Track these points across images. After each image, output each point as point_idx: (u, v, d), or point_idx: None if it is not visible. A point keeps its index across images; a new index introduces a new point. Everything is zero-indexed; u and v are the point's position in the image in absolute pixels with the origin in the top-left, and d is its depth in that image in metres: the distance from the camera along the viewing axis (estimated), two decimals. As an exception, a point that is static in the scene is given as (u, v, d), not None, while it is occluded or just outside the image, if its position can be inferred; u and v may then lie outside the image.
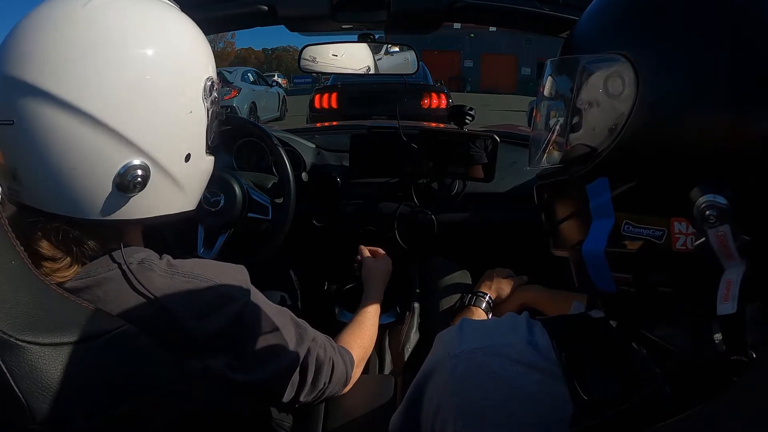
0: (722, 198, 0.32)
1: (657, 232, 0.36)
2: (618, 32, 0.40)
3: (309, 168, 1.38)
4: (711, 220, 0.32)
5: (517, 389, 0.42)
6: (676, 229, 0.35)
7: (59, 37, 0.53)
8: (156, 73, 0.56)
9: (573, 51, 0.44)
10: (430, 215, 1.37)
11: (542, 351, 0.43)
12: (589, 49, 0.42)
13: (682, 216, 0.35)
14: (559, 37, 1.08)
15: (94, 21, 0.54)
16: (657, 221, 0.36)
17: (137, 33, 0.56)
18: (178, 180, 0.62)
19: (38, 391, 0.46)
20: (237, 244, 1.21)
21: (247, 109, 8.95)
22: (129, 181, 0.56)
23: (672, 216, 0.35)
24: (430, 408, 0.47)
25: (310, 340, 0.74)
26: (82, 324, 0.50)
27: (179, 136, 0.61)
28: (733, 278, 0.33)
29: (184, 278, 0.61)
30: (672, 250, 0.36)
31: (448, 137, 1.31)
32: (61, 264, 0.57)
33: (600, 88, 0.39)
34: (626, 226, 0.38)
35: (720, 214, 0.32)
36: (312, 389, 0.75)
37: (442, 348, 0.49)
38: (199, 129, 0.64)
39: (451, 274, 1.28)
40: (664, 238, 0.36)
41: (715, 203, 0.32)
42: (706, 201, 0.33)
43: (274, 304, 0.71)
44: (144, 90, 0.55)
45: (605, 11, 0.42)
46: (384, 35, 1.50)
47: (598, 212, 0.40)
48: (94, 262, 0.59)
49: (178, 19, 0.62)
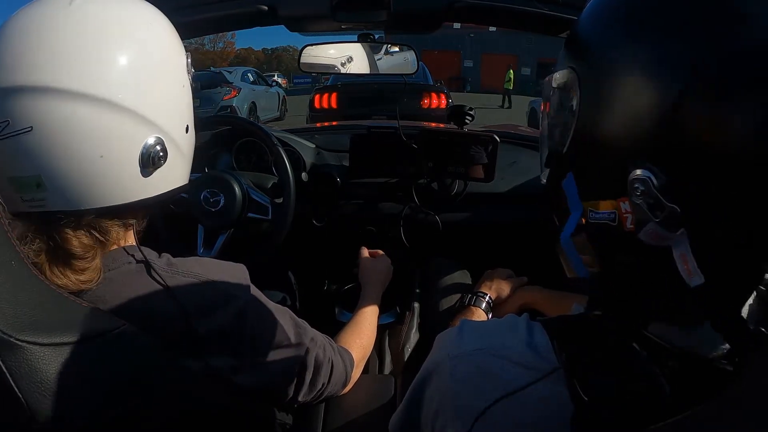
0: (647, 171, 0.36)
1: (611, 215, 0.41)
2: (571, 49, 0.47)
3: (309, 168, 1.38)
4: (637, 193, 0.36)
5: (517, 390, 0.42)
6: (622, 209, 0.39)
7: (54, 34, 0.53)
8: (155, 52, 0.60)
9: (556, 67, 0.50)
10: (433, 215, 1.37)
11: (542, 352, 0.43)
12: (560, 66, 0.49)
13: (624, 196, 0.38)
14: (559, 37, 1.08)
15: (84, 15, 0.55)
16: (609, 204, 0.41)
17: (130, 20, 0.59)
18: (184, 151, 0.66)
19: (38, 391, 0.46)
20: (237, 244, 1.21)
21: (247, 109, 8.95)
22: (152, 157, 0.59)
23: (618, 197, 0.39)
24: (430, 409, 0.47)
25: (309, 341, 0.74)
26: (82, 324, 0.50)
27: (179, 109, 0.65)
28: (684, 249, 0.36)
29: (184, 277, 0.61)
30: (624, 230, 0.40)
31: (448, 137, 1.31)
32: (92, 263, 0.57)
33: (560, 97, 0.47)
34: (590, 213, 0.43)
35: (646, 187, 0.36)
36: (310, 390, 0.75)
37: (442, 349, 0.49)
38: (190, 101, 0.68)
39: (451, 274, 1.28)
40: (617, 220, 0.40)
41: (640, 177, 0.36)
42: (633, 176, 0.37)
43: (274, 304, 0.71)
44: (147, 69, 0.59)
45: (570, 34, 0.49)
46: (384, 35, 1.50)
47: (572, 204, 0.45)
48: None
49: (147, 5, 0.65)
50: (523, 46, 24.85)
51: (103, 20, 0.56)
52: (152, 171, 0.60)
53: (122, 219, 0.61)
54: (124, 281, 0.58)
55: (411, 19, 1.13)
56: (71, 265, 0.56)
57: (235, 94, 8.72)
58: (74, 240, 0.57)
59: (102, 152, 0.55)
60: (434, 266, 1.33)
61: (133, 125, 0.57)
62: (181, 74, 0.65)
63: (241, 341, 0.64)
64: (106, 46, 0.55)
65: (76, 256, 0.56)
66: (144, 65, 0.58)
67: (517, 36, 23.85)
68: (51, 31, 0.53)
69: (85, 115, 0.53)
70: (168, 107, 0.62)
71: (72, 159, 0.53)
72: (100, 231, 0.59)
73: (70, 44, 0.53)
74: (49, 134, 0.52)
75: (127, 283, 0.58)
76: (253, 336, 0.65)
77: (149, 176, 0.60)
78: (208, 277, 0.62)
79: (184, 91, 0.66)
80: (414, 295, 1.28)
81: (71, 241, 0.56)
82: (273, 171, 1.28)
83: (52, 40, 0.53)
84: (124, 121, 0.56)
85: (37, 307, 0.48)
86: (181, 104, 0.65)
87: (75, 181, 0.54)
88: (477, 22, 1.45)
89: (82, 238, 0.57)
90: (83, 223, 0.57)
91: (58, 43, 0.53)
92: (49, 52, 0.52)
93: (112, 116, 0.55)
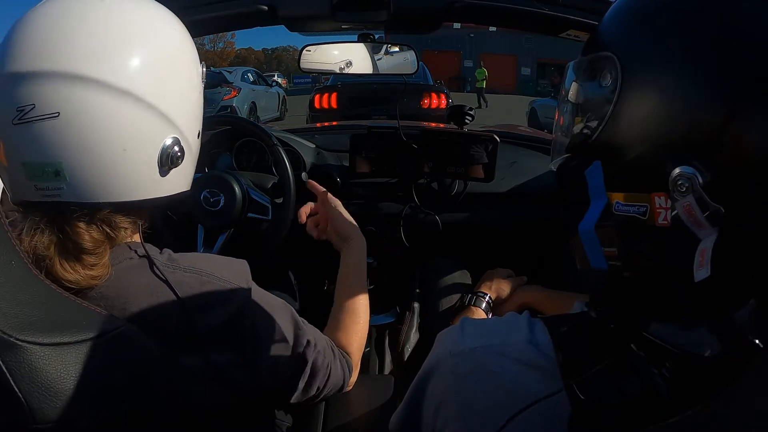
0: (693, 169, 0.35)
1: (641, 208, 0.40)
2: (610, 35, 0.45)
3: (309, 168, 1.38)
4: (682, 190, 0.36)
5: (518, 388, 0.42)
6: (656, 204, 0.38)
7: (89, 24, 0.54)
8: (177, 56, 0.61)
9: (583, 53, 0.49)
10: (433, 215, 1.37)
11: (543, 350, 0.43)
12: (591, 51, 0.47)
13: (661, 191, 0.38)
14: (559, 37, 1.08)
15: (116, 11, 0.57)
16: (641, 198, 0.40)
17: (157, 22, 0.61)
18: (194, 155, 0.67)
19: (38, 392, 0.46)
20: (237, 244, 1.21)
21: (247, 109, 8.94)
22: (171, 156, 0.60)
23: (652, 191, 0.39)
24: (431, 406, 0.47)
25: (307, 343, 0.73)
26: (83, 324, 0.50)
27: (195, 114, 0.66)
28: (707, 246, 0.35)
29: (185, 272, 0.61)
30: (655, 225, 0.39)
31: (448, 137, 1.31)
32: (102, 259, 0.57)
33: (593, 83, 0.45)
34: (617, 204, 0.42)
35: (691, 184, 0.35)
36: (304, 393, 0.74)
37: (444, 346, 0.49)
38: (202, 108, 0.69)
39: (451, 274, 1.28)
40: (648, 214, 0.39)
41: (686, 174, 0.35)
42: (678, 173, 0.36)
43: (276, 300, 0.71)
44: (173, 68, 0.60)
45: (609, 17, 0.47)
46: (384, 35, 1.50)
47: (595, 194, 0.44)
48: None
49: (172, 14, 0.65)
50: (523, 46, 24.83)
51: (133, 19, 0.58)
52: (168, 171, 0.60)
53: (134, 216, 0.61)
54: (125, 277, 0.58)
55: (411, 19, 1.12)
56: (81, 260, 0.56)
57: (235, 94, 8.71)
58: (86, 234, 0.56)
59: (125, 146, 0.55)
60: (434, 266, 1.32)
61: (156, 122, 0.58)
62: (198, 81, 0.66)
63: (241, 337, 0.63)
64: (134, 44, 0.56)
65: (86, 251, 0.56)
66: (167, 67, 0.59)
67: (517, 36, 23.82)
68: (82, 21, 0.54)
69: (113, 106, 0.53)
70: (186, 110, 0.63)
71: (95, 150, 0.53)
72: (112, 227, 0.59)
73: (100, 36, 0.54)
74: (76, 122, 0.52)
75: (128, 278, 0.58)
76: (253, 332, 0.65)
77: (165, 175, 0.60)
78: (209, 273, 0.62)
79: (200, 97, 0.67)
80: (414, 295, 1.28)
81: (83, 235, 0.56)
82: (273, 171, 1.28)
83: (83, 30, 0.53)
84: (148, 117, 0.57)
85: (37, 307, 0.48)
86: (197, 109, 0.67)
87: (95, 173, 0.54)
88: (477, 22, 1.45)
89: (93, 232, 0.57)
90: (97, 217, 0.57)
91: (88, 34, 0.53)
92: (79, 41, 0.53)
93: (137, 111, 0.55)
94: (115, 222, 0.59)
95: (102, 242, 0.58)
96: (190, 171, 0.67)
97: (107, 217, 0.58)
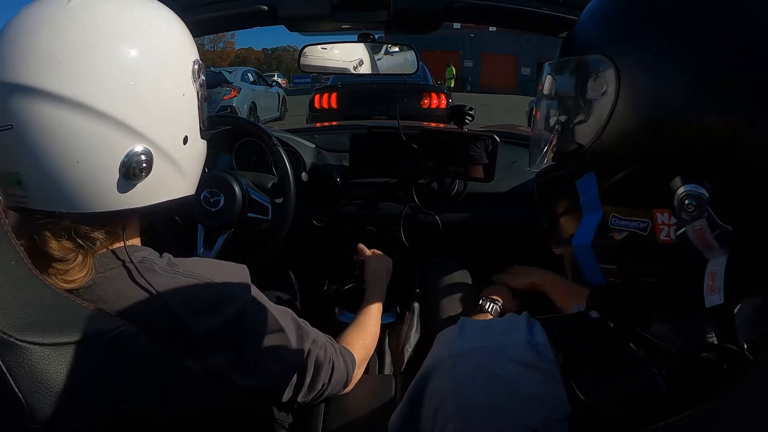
0: (701, 188, 0.33)
1: (642, 224, 0.38)
2: (603, 34, 0.41)
3: (309, 168, 1.38)
4: (690, 209, 0.34)
5: (517, 389, 0.42)
6: (659, 220, 0.37)
7: (47, 35, 0.53)
8: (148, 59, 0.57)
9: (566, 52, 0.45)
10: (433, 215, 1.37)
11: (541, 351, 0.43)
12: (578, 51, 0.43)
13: (664, 207, 0.36)
14: (559, 37, 1.08)
15: (80, 16, 0.55)
16: (641, 213, 0.38)
17: (124, 23, 0.57)
18: (179, 164, 0.63)
19: (38, 392, 0.46)
20: (237, 244, 1.21)
21: (247, 109, 8.94)
22: (134, 168, 0.57)
23: (655, 207, 0.37)
24: (430, 407, 0.47)
25: (310, 342, 0.74)
26: (82, 324, 0.50)
27: (176, 119, 0.62)
28: (717, 269, 0.33)
29: (184, 277, 0.61)
30: (657, 241, 0.37)
31: (448, 137, 1.31)
32: (72, 265, 0.56)
33: (585, 87, 0.41)
34: (613, 219, 0.39)
35: (699, 204, 0.33)
36: (309, 390, 0.75)
37: (443, 347, 0.49)
38: (192, 111, 0.65)
39: (451, 273, 1.28)
40: (649, 230, 0.37)
41: (693, 193, 0.33)
42: (685, 191, 0.34)
43: (275, 305, 0.71)
44: (138, 76, 0.56)
45: (595, 15, 0.44)
46: (384, 35, 1.50)
47: (588, 207, 0.42)
48: (94, 260, 0.59)
49: (158, 6, 0.63)
50: (523, 46, 24.84)
51: (96, 24, 0.55)
52: (135, 182, 0.58)
53: (107, 227, 0.60)
54: (119, 282, 0.58)
55: (411, 19, 1.12)
56: (51, 267, 0.56)
57: (235, 94, 8.71)
58: (53, 242, 0.56)
59: (78, 158, 0.54)
60: (434, 266, 1.33)
61: (115, 134, 0.55)
62: (183, 83, 0.62)
63: (241, 341, 0.63)
64: (95, 52, 0.54)
65: (54, 258, 0.56)
66: (134, 72, 0.56)
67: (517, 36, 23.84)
68: (41, 31, 0.53)
69: (64, 119, 0.53)
70: (161, 117, 0.59)
71: (48, 161, 0.53)
72: (81, 236, 0.58)
73: (57, 47, 0.53)
74: (27, 134, 0.52)
75: (121, 284, 0.58)
76: (253, 336, 0.65)
77: (132, 187, 0.58)
78: (208, 278, 0.62)
79: (185, 99, 0.63)
80: (414, 295, 1.29)
81: (50, 243, 0.56)
82: (273, 171, 1.28)
83: (41, 40, 0.53)
84: (105, 129, 0.54)
85: (37, 307, 0.48)
86: (180, 114, 0.62)
87: (51, 183, 0.54)
88: (477, 22, 1.45)
89: (62, 241, 0.57)
90: (62, 226, 0.57)
91: (45, 45, 0.53)
92: (35, 52, 0.53)
93: (92, 123, 0.54)
94: (84, 232, 0.58)
95: (71, 251, 0.57)
96: (175, 179, 0.64)
97: (73, 227, 0.57)
